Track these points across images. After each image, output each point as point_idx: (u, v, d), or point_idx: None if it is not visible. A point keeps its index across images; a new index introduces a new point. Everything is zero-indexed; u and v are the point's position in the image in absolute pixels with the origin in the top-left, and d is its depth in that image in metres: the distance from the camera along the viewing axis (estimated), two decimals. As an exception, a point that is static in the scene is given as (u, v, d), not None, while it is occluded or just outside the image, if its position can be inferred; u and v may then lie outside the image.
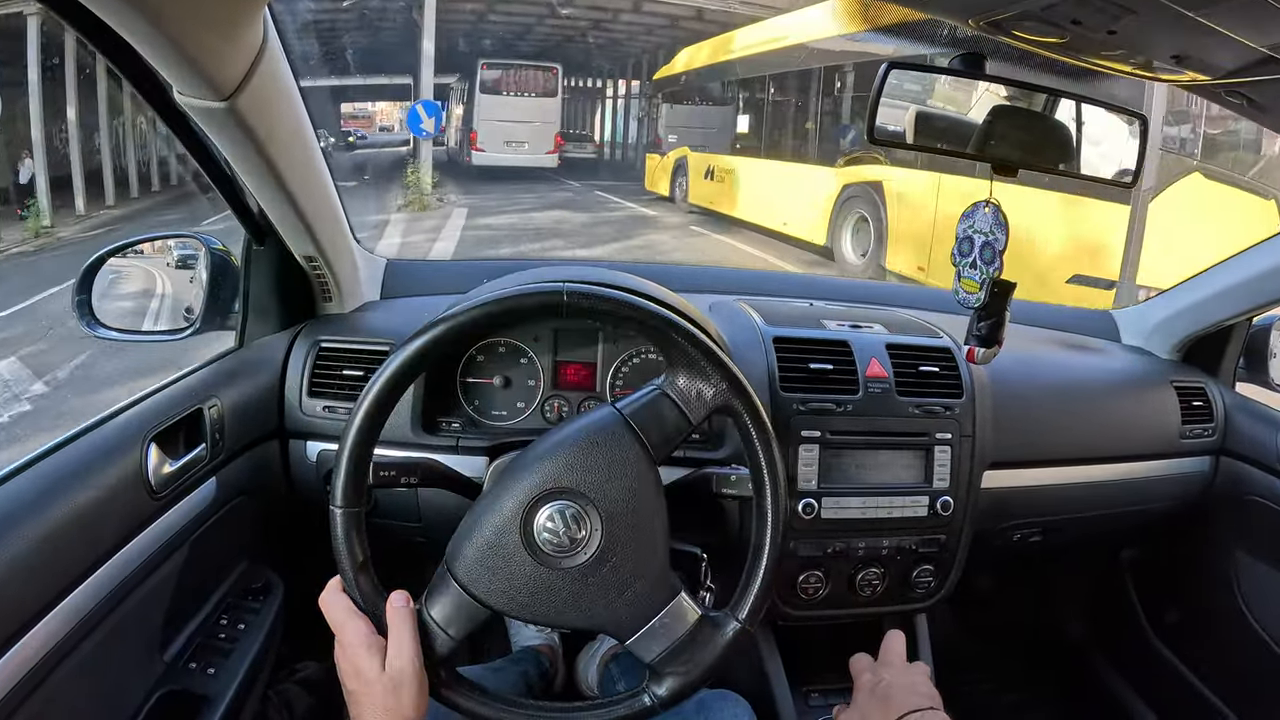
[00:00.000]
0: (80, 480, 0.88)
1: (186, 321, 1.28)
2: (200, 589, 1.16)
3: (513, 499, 0.82)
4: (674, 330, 0.84)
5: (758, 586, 0.84)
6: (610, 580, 0.82)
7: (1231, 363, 1.59)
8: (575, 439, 0.83)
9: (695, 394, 0.85)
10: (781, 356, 1.19)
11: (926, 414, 1.20)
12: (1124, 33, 0.82)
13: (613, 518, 0.82)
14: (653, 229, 12.68)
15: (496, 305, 0.83)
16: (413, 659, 0.78)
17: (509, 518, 0.81)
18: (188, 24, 0.76)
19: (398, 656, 0.78)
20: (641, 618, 0.82)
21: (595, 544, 0.81)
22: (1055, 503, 1.39)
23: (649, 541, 0.83)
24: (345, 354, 1.23)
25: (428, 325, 0.82)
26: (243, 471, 1.17)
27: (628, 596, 0.82)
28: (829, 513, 1.15)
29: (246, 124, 0.92)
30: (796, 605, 1.18)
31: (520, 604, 0.81)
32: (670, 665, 0.82)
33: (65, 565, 0.84)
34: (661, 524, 0.83)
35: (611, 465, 0.82)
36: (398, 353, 0.81)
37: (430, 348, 0.81)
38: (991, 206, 0.98)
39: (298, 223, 1.14)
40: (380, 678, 0.78)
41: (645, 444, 0.83)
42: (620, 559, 0.82)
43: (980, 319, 1.01)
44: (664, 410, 0.84)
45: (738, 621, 0.83)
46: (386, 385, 0.80)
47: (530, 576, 0.81)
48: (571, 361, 1.22)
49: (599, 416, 0.85)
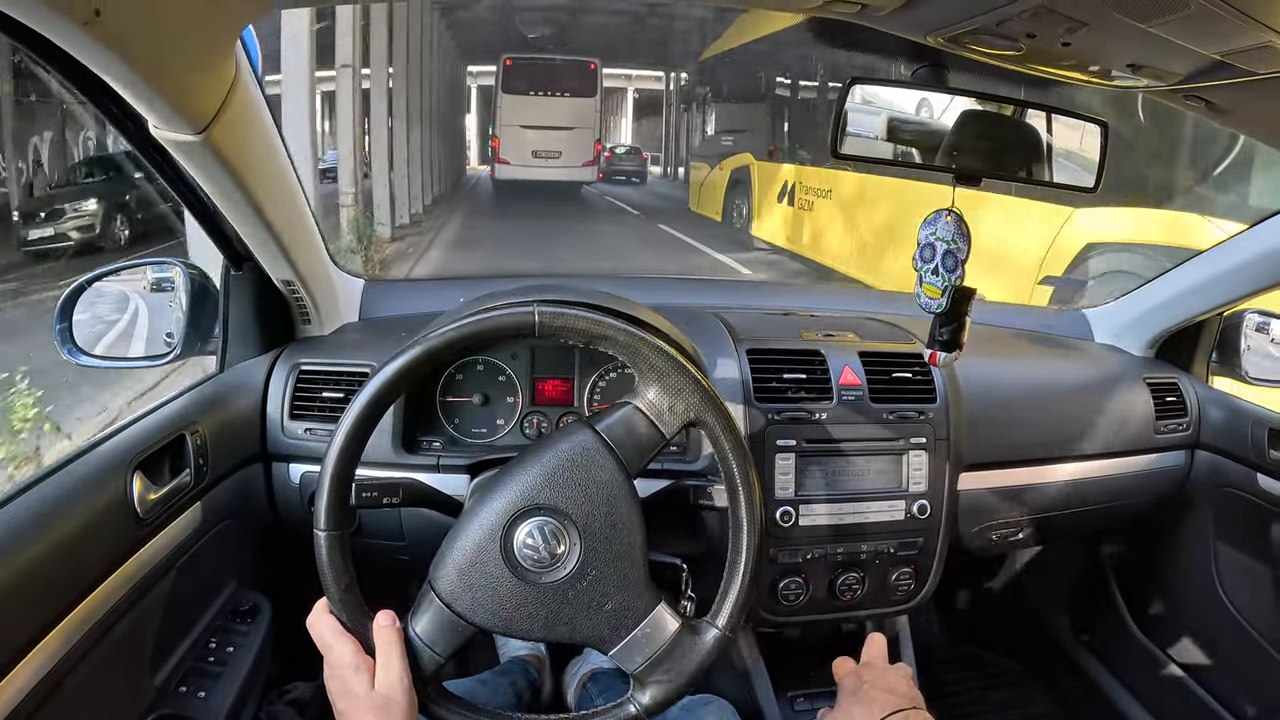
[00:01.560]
0: (66, 510, 0.88)
1: (167, 347, 1.29)
2: (189, 613, 1.16)
3: (492, 516, 0.83)
4: (643, 345, 0.85)
5: (736, 594, 0.85)
6: (590, 593, 0.83)
7: (1205, 357, 1.61)
8: (551, 457, 0.85)
9: (667, 407, 0.86)
10: (755, 367, 1.21)
11: (900, 420, 1.22)
12: (1078, 44, 0.84)
13: (590, 532, 0.83)
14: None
15: (470, 328, 0.84)
16: (401, 676, 0.80)
17: (489, 535, 0.83)
18: (160, 61, 0.77)
19: (386, 675, 0.79)
20: (623, 629, 0.84)
21: (574, 559, 0.83)
22: (1034, 502, 1.40)
23: (627, 554, 0.84)
24: (325, 376, 1.23)
25: (402, 349, 0.83)
26: (227, 496, 1.18)
27: (608, 609, 0.83)
28: (806, 520, 1.17)
29: (222, 155, 0.94)
30: (778, 611, 1.19)
31: (503, 619, 0.83)
32: (653, 674, 0.84)
33: (54, 595, 0.84)
34: (639, 536, 0.85)
35: (587, 481, 0.84)
36: (375, 377, 0.82)
37: (406, 371, 0.83)
38: (953, 215, 1.00)
39: (275, 248, 1.15)
40: (369, 696, 0.79)
41: (620, 459, 0.85)
42: (599, 572, 0.83)
43: (942, 324, 1.03)
44: (637, 425, 0.86)
45: (718, 629, 0.85)
46: (365, 409, 0.81)
47: (511, 592, 0.82)
48: (549, 378, 1.23)
49: (573, 433, 0.86)
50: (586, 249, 10.48)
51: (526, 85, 15.64)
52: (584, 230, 12.18)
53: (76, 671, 0.86)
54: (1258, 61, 0.84)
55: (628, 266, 10.18)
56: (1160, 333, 1.58)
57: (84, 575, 0.89)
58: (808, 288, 3.30)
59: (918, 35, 0.86)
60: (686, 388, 0.85)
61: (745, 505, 0.86)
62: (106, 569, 0.92)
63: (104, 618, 0.91)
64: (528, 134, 15.60)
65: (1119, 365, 1.57)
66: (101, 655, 0.91)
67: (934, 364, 1.05)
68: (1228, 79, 0.91)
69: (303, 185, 1.21)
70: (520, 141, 15.66)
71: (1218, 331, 1.59)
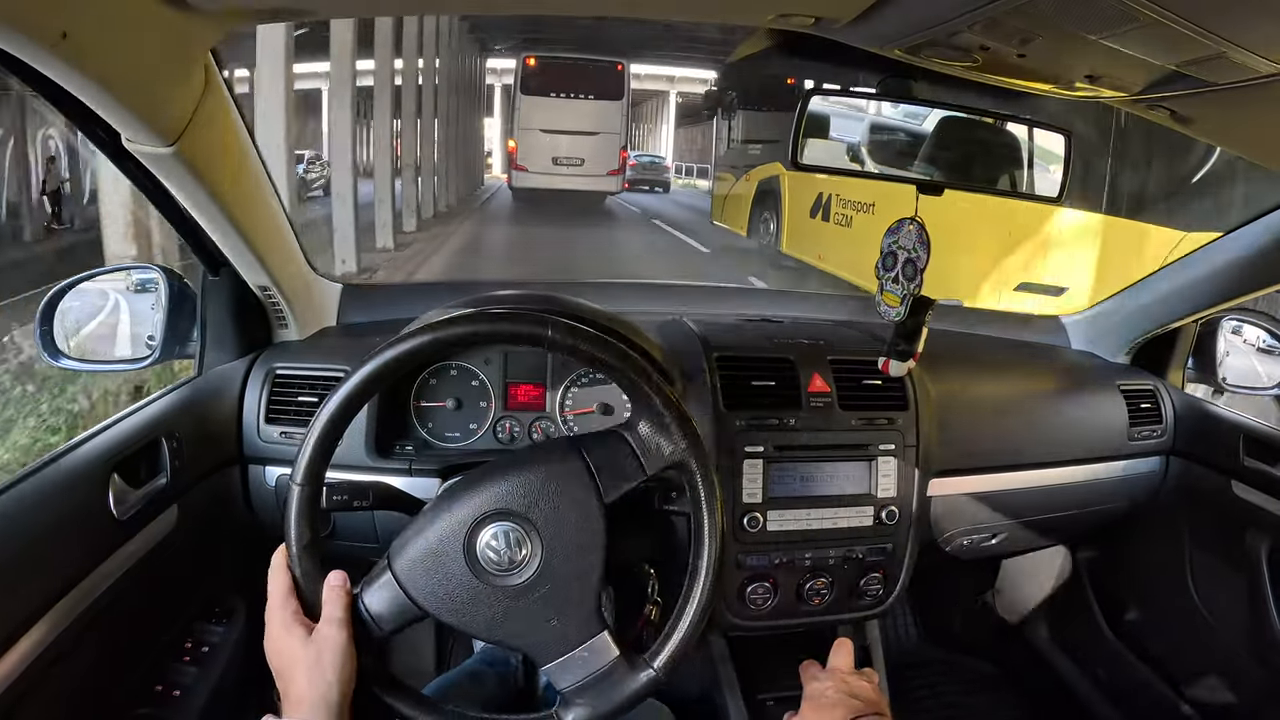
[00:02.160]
0: (44, 511, 0.90)
1: (149, 350, 1.30)
2: (165, 615, 1.17)
3: (463, 510, 0.85)
4: (646, 384, 0.87)
5: (678, 639, 0.87)
6: (540, 606, 0.85)
7: (1180, 364, 1.61)
8: (533, 468, 0.87)
9: (655, 446, 0.88)
10: (724, 374, 1.21)
11: (870, 426, 1.22)
12: (1033, 56, 0.85)
13: (553, 548, 0.85)
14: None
15: (485, 326, 0.87)
16: (342, 628, 0.81)
17: (455, 528, 0.84)
18: (129, 78, 0.79)
19: (326, 629, 0.81)
20: (564, 647, 0.85)
21: (533, 569, 0.84)
22: (1006, 507, 1.41)
23: (584, 576, 0.86)
24: (301, 381, 1.24)
25: (420, 329, 0.86)
26: (204, 499, 1.19)
27: (554, 624, 0.85)
28: (774, 525, 1.18)
29: (193, 166, 0.96)
30: (745, 616, 1.20)
31: (451, 610, 0.84)
32: (581, 697, 0.85)
33: (30, 596, 0.86)
34: (599, 561, 0.86)
35: (561, 497, 0.86)
36: (392, 344, 0.85)
37: (407, 357, 0.85)
38: (916, 224, 1.01)
39: (250, 255, 1.17)
40: (305, 646, 0.80)
41: (599, 484, 0.86)
42: (553, 588, 0.85)
43: (899, 333, 1.04)
44: (622, 456, 0.88)
45: (653, 670, 0.86)
46: (378, 370, 0.84)
47: (465, 587, 0.84)
48: (521, 382, 1.24)
49: (559, 450, 0.88)
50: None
51: (547, 86, 14.69)
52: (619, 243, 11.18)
53: (52, 672, 0.87)
54: (1214, 72, 0.85)
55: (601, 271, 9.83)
56: (1136, 339, 1.58)
57: (60, 577, 0.90)
58: (782, 294, 3.30)
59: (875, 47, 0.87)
60: (677, 431, 0.87)
61: (705, 557, 0.87)
62: (83, 570, 0.93)
63: (80, 619, 0.92)
64: (548, 139, 14.59)
65: (1094, 372, 1.58)
66: (78, 656, 0.92)
67: (886, 371, 1.06)
68: (1187, 89, 0.92)
69: (278, 191, 1.22)
70: (540, 147, 14.64)
71: (1193, 338, 1.60)
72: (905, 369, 1.07)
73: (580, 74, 14.78)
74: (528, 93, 14.71)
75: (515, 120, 14.90)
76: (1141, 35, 0.78)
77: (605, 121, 14.64)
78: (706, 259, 11.31)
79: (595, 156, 14.60)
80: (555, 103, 14.59)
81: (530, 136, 14.61)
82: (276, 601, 0.82)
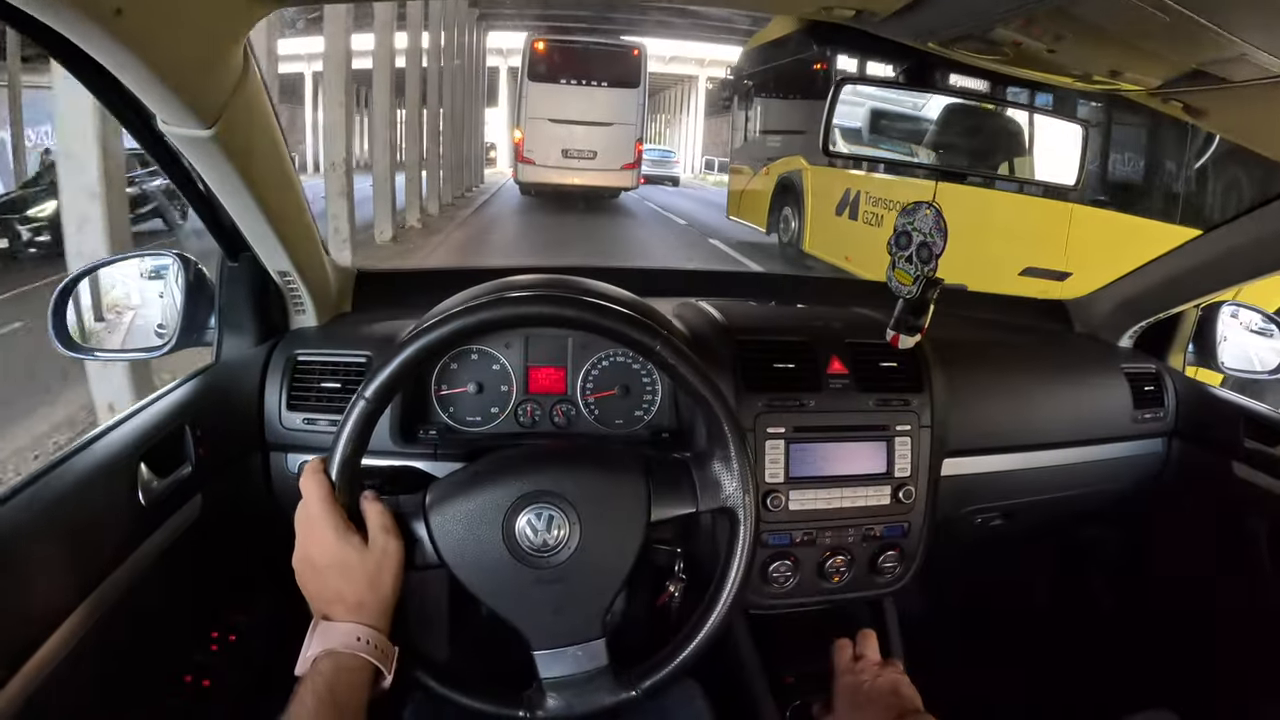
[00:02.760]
0: (77, 500, 0.90)
1: (160, 338, 1.29)
2: (191, 604, 1.18)
3: (516, 482, 0.88)
4: (729, 423, 0.90)
5: (670, 669, 0.90)
6: (554, 596, 0.88)
7: (1182, 348, 1.65)
8: (597, 464, 0.91)
9: (715, 486, 0.91)
10: (745, 357, 1.23)
11: (886, 407, 1.25)
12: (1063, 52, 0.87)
13: (587, 547, 0.88)
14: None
15: (600, 322, 0.89)
16: (399, 539, 0.83)
17: (502, 497, 0.87)
18: (175, 59, 0.79)
19: (385, 534, 0.82)
20: (560, 640, 0.89)
21: (562, 559, 0.88)
22: (1014, 487, 1.45)
23: (605, 581, 0.90)
24: (322, 367, 1.25)
25: (542, 298, 0.90)
26: (226, 486, 1.19)
27: (561, 617, 0.89)
28: (796, 504, 1.20)
29: (228, 150, 0.95)
30: (767, 594, 1.23)
31: (467, 567, 0.87)
32: (558, 692, 0.89)
33: (66, 585, 0.86)
34: (623, 572, 0.90)
35: (612, 504, 0.89)
36: (470, 311, 0.87)
37: (501, 321, 0.88)
38: (934, 210, 1.03)
39: (273, 240, 1.16)
40: (362, 554, 0.81)
41: (650, 504, 0.90)
42: (573, 585, 0.88)
43: (908, 310, 1.07)
44: (682, 485, 0.91)
45: (634, 691, 0.89)
46: (449, 336, 0.87)
47: (489, 551, 0.87)
48: (543, 365, 1.25)
49: (627, 459, 0.92)
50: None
51: (557, 72, 13.54)
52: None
53: (83, 663, 0.88)
54: (1234, 70, 0.87)
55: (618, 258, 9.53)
56: (1138, 323, 1.62)
57: (94, 566, 0.91)
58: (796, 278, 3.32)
59: (911, 40, 0.89)
60: (740, 481, 0.90)
61: (722, 598, 0.90)
62: (115, 559, 0.94)
63: (112, 608, 0.92)
64: (558, 129, 13.44)
65: (1098, 355, 1.61)
66: (110, 644, 0.93)
67: (895, 345, 1.09)
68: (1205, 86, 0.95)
69: (297, 179, 1.22)
70: (549, 138, 13.48)
71: (1195, 323, 1.63)
72: (913, 342, 1.11)
73: (593, 59, 13.67)
74: (536, 79, 13.61)
75: (522, 109, 13.77)
76: (1169, 34, 0.80)
77: (620, 111, 13.54)
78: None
79: (609, 149, 13.54)
80: (566, 90, 13.50)
81: (538, 127, 13.51)
82: (320, 508, 0.82)
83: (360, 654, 0.78)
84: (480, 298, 0.91)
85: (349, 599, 0.80)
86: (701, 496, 0.91)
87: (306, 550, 0.83)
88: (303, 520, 0.84)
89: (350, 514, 0.84)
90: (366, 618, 0.80)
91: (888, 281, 1.15)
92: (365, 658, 0.78)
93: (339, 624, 0.79)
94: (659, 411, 1.27)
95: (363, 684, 0.78)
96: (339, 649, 0.78)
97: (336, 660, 0.77)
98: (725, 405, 0.90)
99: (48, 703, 0.81)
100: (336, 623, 0.79)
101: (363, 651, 0.78)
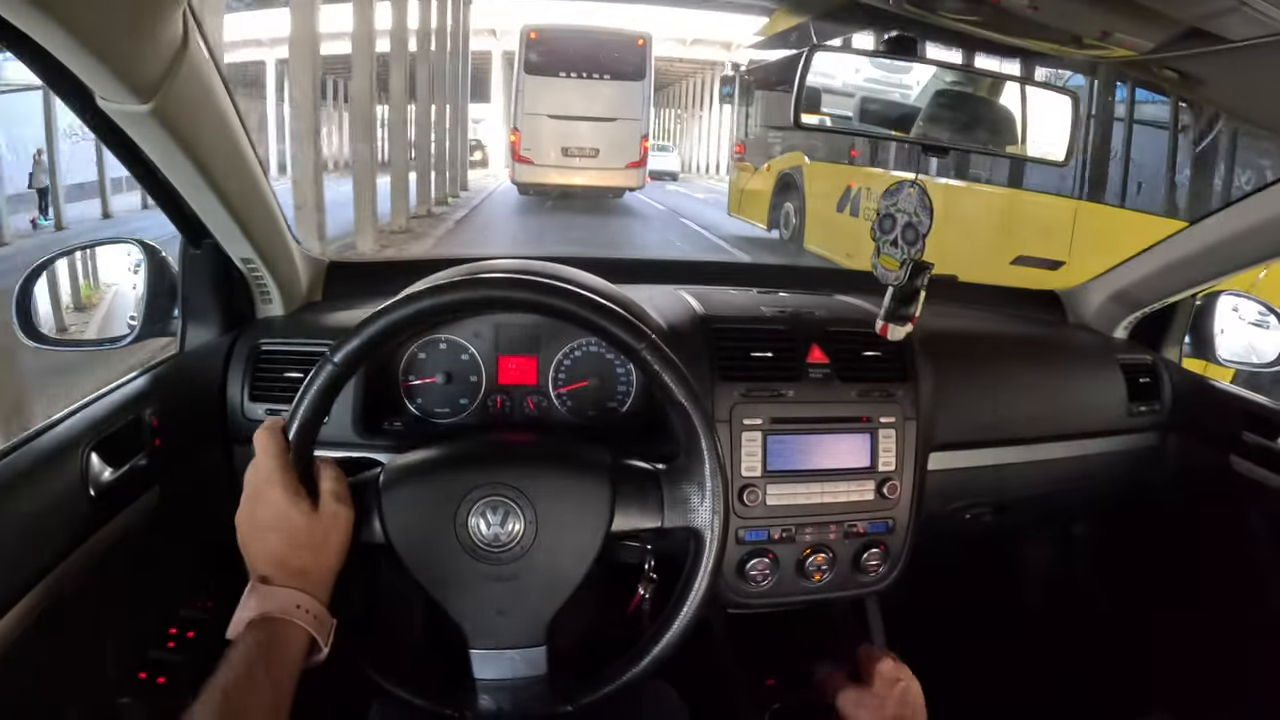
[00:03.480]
0: (21, 492, 0.87)
1: (129, 328, 1.27)
2: (148, 597, 1.14)
3: (475, 468, 0.85)
4: (708, 443, 0.86)
5: (611, 685, 0.86)
6: (499, 594, 0.84)
7: (1178, 339, 1.61)
8: (562, 464, 0.87)
9: (683, 506, 0.87)
10: (721, 345, 1.19)
11: (869, 398, 1.21)
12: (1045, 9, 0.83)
13: (540, 550, 0.84)
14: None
15: (586, 311, 0.85)
16: (350, 507, 0.80)
17: (458, 483, 0.84)
18: (100, 26, 0.75)
19: (336, 500, 0.80)
20: (500, 641, 0.85)
21: (512, 557, 0.84)
22: (1005, 482, 1.40)
23: (555, 587, 0.86)
24: (286, 356, 1.21)
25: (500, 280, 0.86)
26: (186, 478, 1.15)
27: (504, 618, 0.85)
28: (774, 499, 1.16)
29: (171, 126, 0.91)
30: (744, 593, 1.18)
31: (411, 548, 0.84)
32: (492, 694, 0.85)
33: (8, 578, 0.82)
34: (574, 582, 0.86)
35: (574, 507, 0.86)
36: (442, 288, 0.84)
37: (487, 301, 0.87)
38: (917, 188, 0.99)
39: (232, 225, 1.13)
40: (311, 519, 0.78)
41: (612, 514, 0.86)
42: (521, 585, 0.84)
43: (896, 297, 1.03)
44: (649, 500, 0.87)
45: (569, 707, 0.86)
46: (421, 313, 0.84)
47: (437, 538, 0.83)
48: (513, 355, 1.21)
49: (596, 464, 0.88)
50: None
51: (555, 64, 12.57)
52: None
53: (34, 655, 0.84)
54: (1230, 26, 0.83)
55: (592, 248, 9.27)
56: (1134, 314, 1.58)
57: (41, 557, 0.87)
58: (775, 267, 3.31)
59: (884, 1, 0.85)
60: (710, 503, 0.86)
61: (674, 624, 0.86)
62: (64, 551, 0.90)
63: (62, 601, 0.89)
64: (556, 126, 12.55)
65: (1092, 346, 1.57)
66: (61, 639, 0.89)
67: (884, 336, 1.05)
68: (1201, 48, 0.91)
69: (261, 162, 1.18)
70: (547, 135, 12.59)
71: (1191, 314, 1.60)
72: (904, 333, 1.06)
73: (594, 49, 12.69)
74: (532, 72, 12.66)
75: (518, 104, 12.86)
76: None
77: (624, 105, 12.65)
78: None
79: (612, 146, 12.66)
80: (565, 83, 12.61)
81: (536, 123, 12.60)
82: (272, 466, 0.79)
83: (298, 621, 0.74)
84: (458, 277, 0.87)
85: (291, 564, 0.77)
86: (668, 512, 0.87)
87: (253, 509, 0.80)
88: (252, 479, 0.81)
89: (302, 479, 0.81)
90: (308, 585, 0.76)
91: (873, 269, 1.11)
92: (303, 626, 0.74)
93: (278, 589, 0.76)
94: (633, 402, 1.22)
95: (297, 655, 0.74)
96: (276, 614, 0.74)
97: (272, 627, 0.73)
98: (706, 420, 0.86)
99: None
100: (275, 587, 0.76)
101: (301, 620, 0.74)
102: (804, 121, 0.96)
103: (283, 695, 0.71)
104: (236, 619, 0.75)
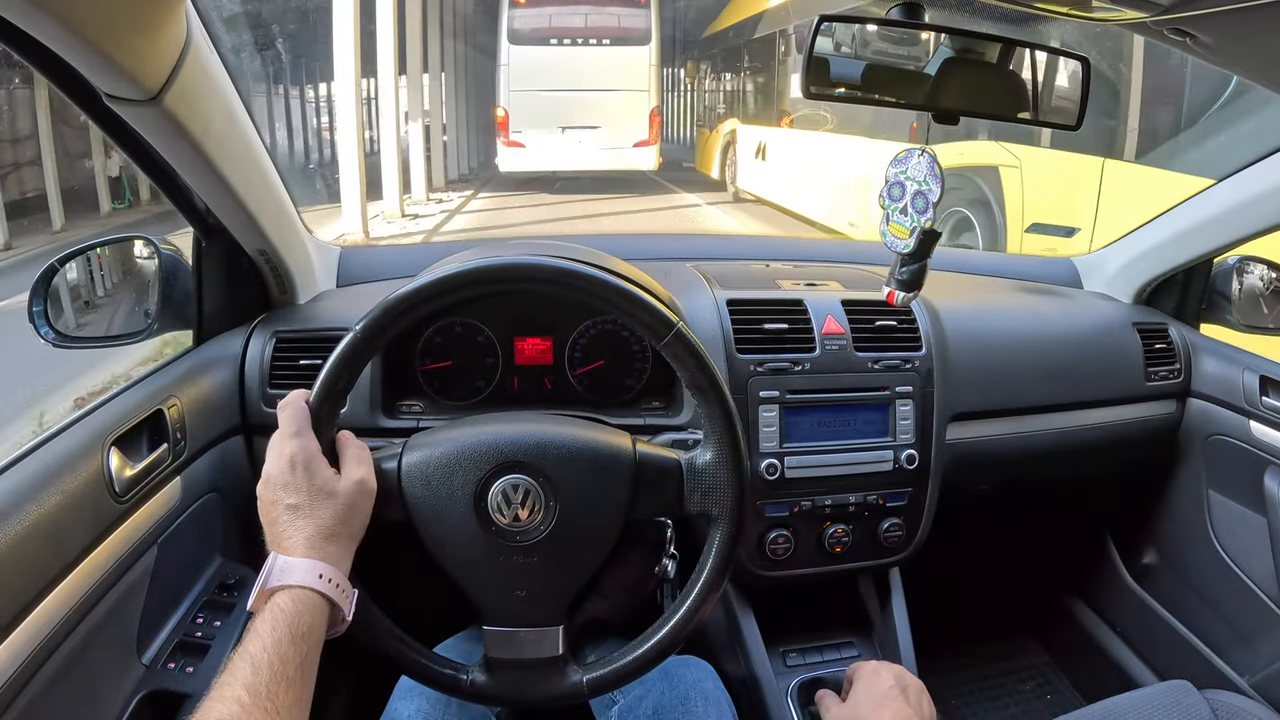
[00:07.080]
0: (44, 490, 0.87)
1: (145, 323, 1.27)
2: (174, 589, 1.15)
3: (498, 445, 0.83)
4: (736, 433, 0.84)
5: (627, 665, 0.85)
6: (517, 573, 0.83)
7: (1194, 305, 1.60)
8: (587, 446, 0.84)
9: (703, 494, 0.85)
10: (736, 318, 1.19)
11: (886, 368, 1.20)
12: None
13: (562, 530, 0.83)
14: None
15: (616, 300, 0.84)
16: (374, 478, 0.80)
17: (479, 458, 0.83)
18: (104, 23, 0.74)
19: (363, 467, 0.80)
20: (516, 620, 0.84)
21: (532, 538, 0.83)
22: (1023, 452, 1.39)
23: (572, 571, 0.85)
24: (304, 343, 1.22)
25: (583, 271, 0.84)
26: (208, 469, 1.16)
27: (520, 596, 0.84)
28: (793, 472, 1.16)
29: (177, 121, 0.91)
30: (765, 566, 1.18)
31: (428, 525, 0.83)
32: (503, 671, 0.85)
33: (33, 575, 0.83)
34: (595, 563, 0.85)
35: (595, 491, 0.84)
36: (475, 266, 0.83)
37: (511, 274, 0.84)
38: (928, 156, 0.98)
39: (244, 217, 1.13)
40: (335, 493, 0.77)
41: (633, 498, 0.84)
42: (539, 566, 0.83)
43: (904, 264, 1.02)
44: (669, 486, 0.85)
45: (583, 685, 0.85)
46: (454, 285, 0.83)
47: (456, 518, 0.82)
48: (529, 336, 1.21)
49: (618, 448, 0.85)
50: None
51: (546, 30, 10.92)
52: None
53: (61, 650, 0.85)
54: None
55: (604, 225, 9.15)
56: (1150, 280, 1.56)
57: (65, 553, 0.88)
58: (788, 240, 3.29)
59: None
60: (730, 492, 0.85)
61: (688, 606, 0.85)
62: (88, 546, 0.91)
63: (87, 595, 0.90)
64: (549, 102, 10.87)
65: (1108, 313, 1.55)
66: (86, 633, 0.90)
67: (891, 302, 1.04)
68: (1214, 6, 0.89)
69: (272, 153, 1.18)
70: (540, 112, 10.91)
71: (1207, 279, 1.58)
72: (910, 298, 1.05)
73: (588, 11, 11.00)
74: (518, 42, 10.96)
75: (503, 80, 11.13)
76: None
77: (628, 74, 10.86)
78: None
79: (616, 121, 10.98)
80: (558, 52, 10.89)
81: (525, 100, 10.94)
82: (295, 435, 0.79)
83: (321, 590, 0.74)
84: (483, 256, 0.86)
85: (313, 534, 0.76)
86: (688, 500, 0.85)
87: (274, 479, 0.79)
88: (276, 449, 0.80)
89: (325, 451, 0.81)
90: (329, 556, 0.76)
91: (882, 238, 1.09)
92: (327, 595, 0.74)
93: (301, 560, 0.75)
94: (650, 379, 1.22)
95: (322, 625, 0.73)
96: (298, 584, 0.73)
97: (297, 597, 0.72)
98: (729, 410, 0.84)
99: (20, 690, 0.79)
100: (298, 559, 0.75)
101: (324, 589, 0.74)
102: (813, 91, 0.94)
103: (308, 664, 0.71)
104: (259, 591, 0.74)
